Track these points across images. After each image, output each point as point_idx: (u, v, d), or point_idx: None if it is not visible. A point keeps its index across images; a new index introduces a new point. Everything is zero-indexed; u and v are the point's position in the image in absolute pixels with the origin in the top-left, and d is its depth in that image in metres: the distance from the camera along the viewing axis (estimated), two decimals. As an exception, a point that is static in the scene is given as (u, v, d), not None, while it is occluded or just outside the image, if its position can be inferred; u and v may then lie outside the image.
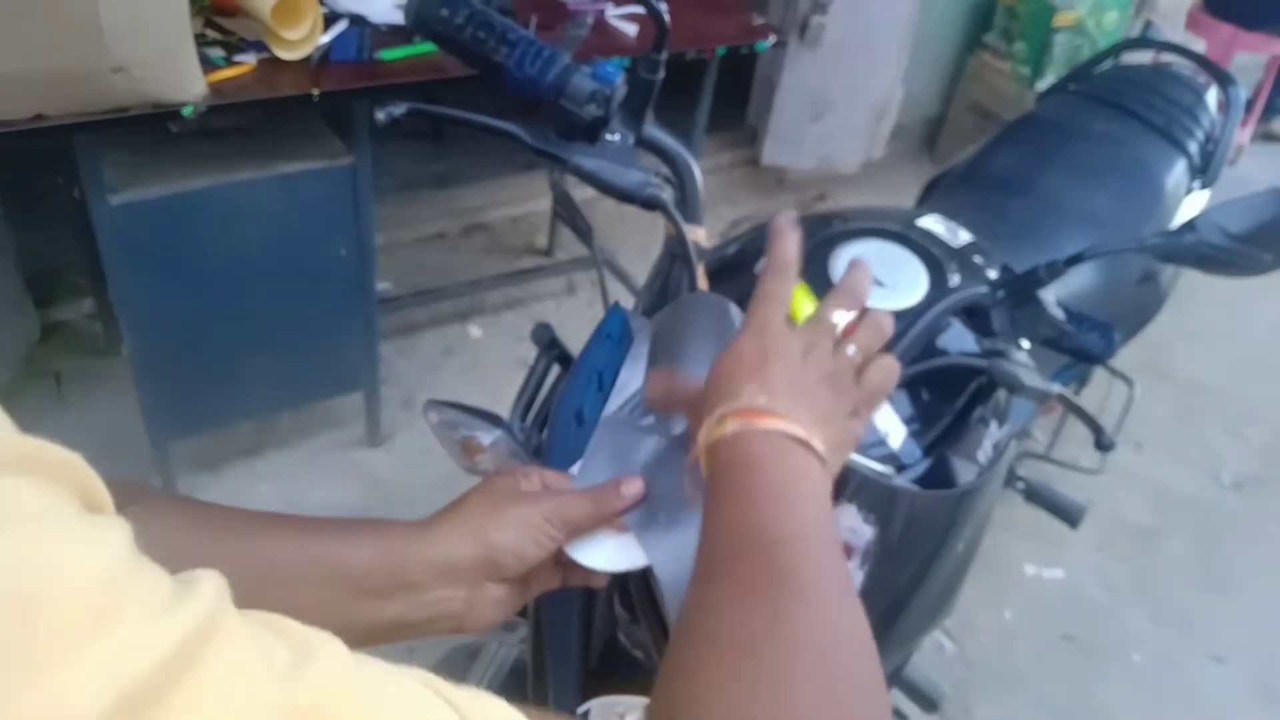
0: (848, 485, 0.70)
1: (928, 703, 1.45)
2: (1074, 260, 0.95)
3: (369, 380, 2.10)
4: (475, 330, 2.62)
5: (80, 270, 2.29)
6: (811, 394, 0.58)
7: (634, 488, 0.64)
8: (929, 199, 1.64)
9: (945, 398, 0.97)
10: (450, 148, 3.25)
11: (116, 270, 1.64)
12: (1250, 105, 4.00)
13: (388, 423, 2.22)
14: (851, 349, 0.61)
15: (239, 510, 0.58)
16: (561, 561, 0.66)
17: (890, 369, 0.63)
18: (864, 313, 0.63)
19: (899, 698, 1.50)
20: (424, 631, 0.59)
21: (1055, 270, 0.96)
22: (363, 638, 0.58)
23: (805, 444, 0.55)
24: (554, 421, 0.76)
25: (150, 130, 1.67)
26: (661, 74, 0.80)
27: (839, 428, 0.59)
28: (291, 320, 1.90)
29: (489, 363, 2.50)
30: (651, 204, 0.80)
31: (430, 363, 2.49)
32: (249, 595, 0.54)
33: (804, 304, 0.65)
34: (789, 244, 0.64)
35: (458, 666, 1.13)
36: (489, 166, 3.07)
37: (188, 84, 1.46)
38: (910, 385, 0.97)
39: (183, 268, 1.71)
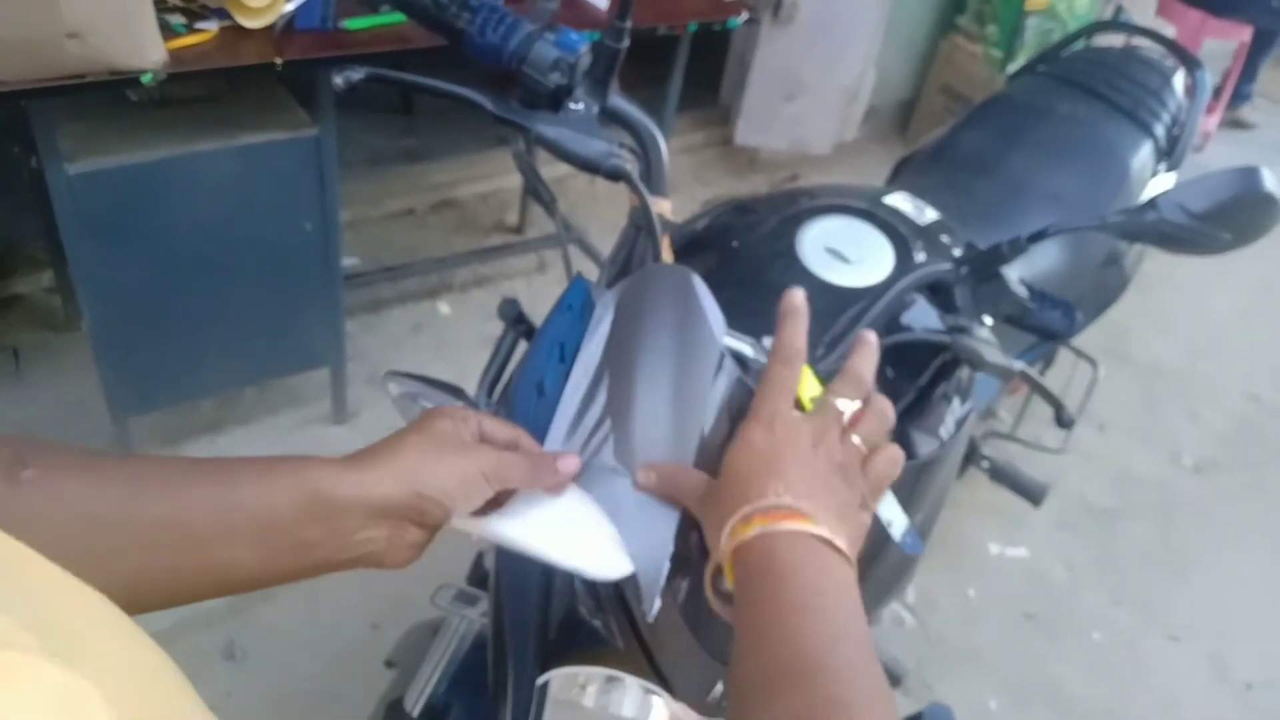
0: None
1: (890, 678, 1.46)
2: (1037, 237, 0.96)
3: (334, 356, 2.08)
4: (444, 307, 2.60)
5: (39, 243, 2.24)
6: (828, 488, 0.58)
7: (571, 465, 0.64)
8: (898, 178, 1.64)
9: (909, 374, 0.97)
10: (420, 123, 3.21)
11: (74, 242, 1.61)
12: (1218, 92, 4.04)
13: (354, 400, 2.20)
14: (857, 439, 0.60)
15: (147, 461, 0.55)
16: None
17: (895, 459, 0.62)
18: (868, 399, 0.63)
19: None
20: (342, 569, 0.59)
21: (1018, 247, 0.96)
22: (285, 579, 0.57)
23: (831, 544, 0.55)
24: (515, 393, 0.76)
25: (108, 98, 1.63)
26: (626, 42, 0.79)
27: (852, 521, 0.59)
28: (255, 294, 1.87)
29: (458, 340, 2.48)
30: (615, 175, 0.79)
31: (398, 340, 2.47)
32: (163, 558, 0.52)
33: (808, 386, 0.64)
34: (798, 330, 0.63)
35: (420, 642, 1.13)
36: (459, 142, 3.04)
37: (146, 51, 1.42)
38: (874, 361, 0.97)
39: (143, 240, 1.68)
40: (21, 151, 1.81)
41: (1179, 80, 1.81)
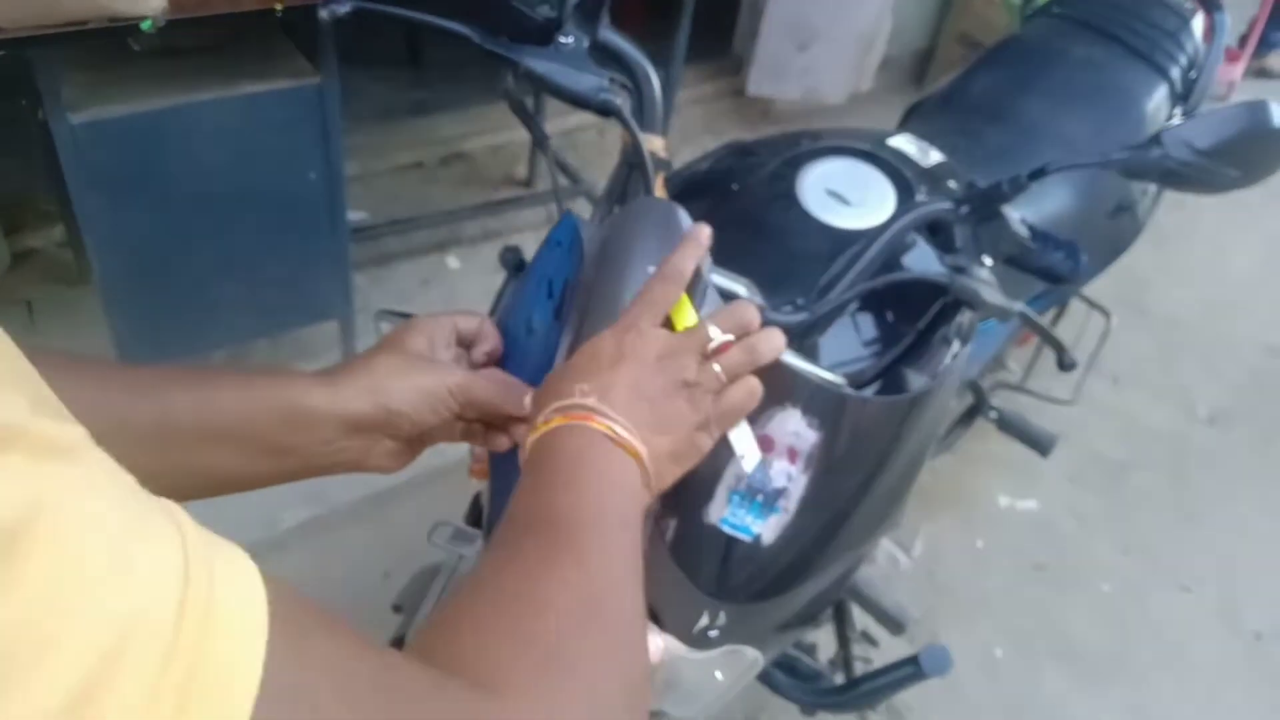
0: (794, 392, 0.69)
1: (894, 625, 1.47)
2: (1037, 174, 0.94)
3: (343, 309, 2.08)
4: (453, 261, 2.60)
5: (50, 197, 2.25)
6: (654, 400, 0.58)
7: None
8: (907, 124, 1.62)
9: (909, 317, 0.96)
10: (428, 75, 3.19)
11: (80, 192, 1.61)
12: (1244, 40, 3.94)
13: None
14: (717, 366, 0.61)
15: (137, 368, 0.59)
16: (464, 419, 0.67)
17: (752, 391, 0.63)
18: (743, 338, 0.63)
19: (867, 621, 1.53)
20: (326, 474, 0.63)
21: (1018, 184, 0.94)
22: (270, 482, 0.61)
23: (625, 446, 0.56)
24: (506, 330, 0.76)
25: (111, 47, 1.63)
26: (616, -27, 0.77)
27: (679, 437, 0.59)
28: (262, 246, 1.87)
29: (466, 294, 2.48)
30: (605, 110, 0.78)
31: (407, 293, 2.47)
32: (154, 457, 0.56)
33: (687, 316, 0.65)
34: (690, 256, 0.64)
35: (425, 584, 1.15)
36: (468, 95, 3.02)
37: (145, -3, 1.41)
38: (873, 304, 0.96)
39: (148, 190, 1.68)
40: (29, 104, 1.81)
41: (1198, 23, 1.76)
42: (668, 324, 0.64)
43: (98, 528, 0.26)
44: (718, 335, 0.61)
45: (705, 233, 0.67)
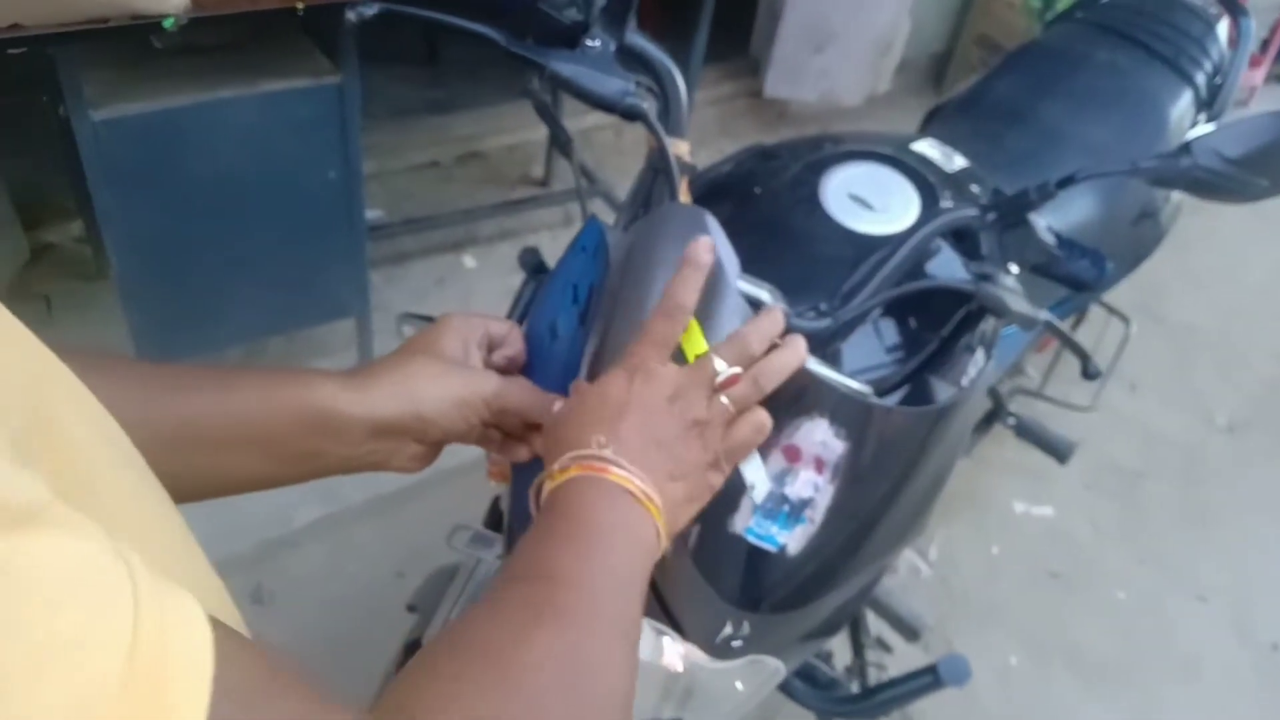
0: (821, 401, 0.69)
1: (910, 632, 1.46)
2: (1065, 182, 0.93)
3: (360, 307, 2.09)
4: (469, 260, 2.60)
5: (68, 193, 2.26)
6: (668, 445, 0.57)
7: None
8: (928, 128, 1.61)
9: (932, 324, 0.95)
10: (446, 74, 3.18)
11: (100, 189, 1.62)
12: (1266, 45, 3.91)
13: (379, 351, 2.21)
14: (725, 400, 0.60)
15: (160, 366, 0.58)
16: (488, 425, 0.67)
17: (761, 426, 0.62)
18: (749, 367, 0.63)
19: (882, 627, 1.52)
20: (350, 473, 0.62)
21: (1046, 192, 0.93)
22: (295, 481, 0.61)
23: (642, 499, 0.55)
24: (529, 334, 0.75)
25: (133, 45, 1.63)
26: (644, -23, 0.77)
27: (693, 481, 0.59)
28: (280, 243, 1.87)
29: (482, 294, 2.49)
30: (631, 114, 0.78)
31: (422, 292, 2.48)
32: (175, 458, 0.55)
33: (696, 342, 0.64)
34: (691, 285, 0.62)
35: (441, 585, 1.14)
36: (485, 94, 3.01)
37: (167, -6, 1.42)
38: (896, 311, 0.96)
39: (167, 187, 1.68)
40: (49, 101, 1.82)
41: (1223, 28, 1.74)
42: (678, 353, 0.63)
43: (45, 605, 0.25)
44: (723, 369, 0.61)
45: (704, 253, 0.64)
